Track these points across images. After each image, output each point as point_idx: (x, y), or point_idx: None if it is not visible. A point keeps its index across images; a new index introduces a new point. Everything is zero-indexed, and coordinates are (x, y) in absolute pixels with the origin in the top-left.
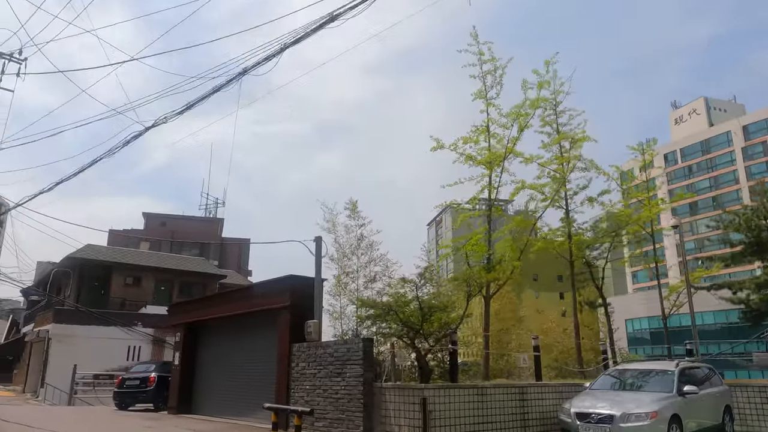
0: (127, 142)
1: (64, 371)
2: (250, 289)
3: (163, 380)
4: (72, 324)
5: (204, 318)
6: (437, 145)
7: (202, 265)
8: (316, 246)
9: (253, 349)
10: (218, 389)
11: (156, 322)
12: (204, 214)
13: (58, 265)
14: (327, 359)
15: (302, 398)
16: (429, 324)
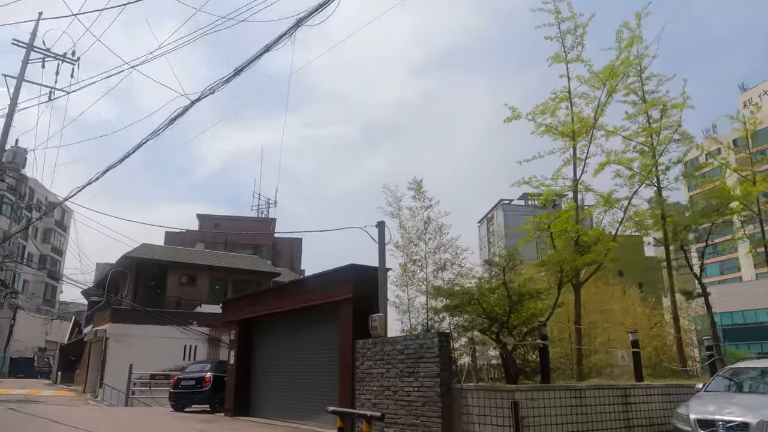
0: (172, 120)
1: (121, 371)
2: (308, 281)
3: (219, 380)
4: (129, 323)
5: (259, 314)
6: (513, 115)
7: (255, 263)
8: (379, 232)
9: (312, 347)
10: (276, 390)
11: (211, 321)
12: (256, 215)
13: (116, 265)
14: (396, 357)
15: (369, 401)
16: (517, 315)
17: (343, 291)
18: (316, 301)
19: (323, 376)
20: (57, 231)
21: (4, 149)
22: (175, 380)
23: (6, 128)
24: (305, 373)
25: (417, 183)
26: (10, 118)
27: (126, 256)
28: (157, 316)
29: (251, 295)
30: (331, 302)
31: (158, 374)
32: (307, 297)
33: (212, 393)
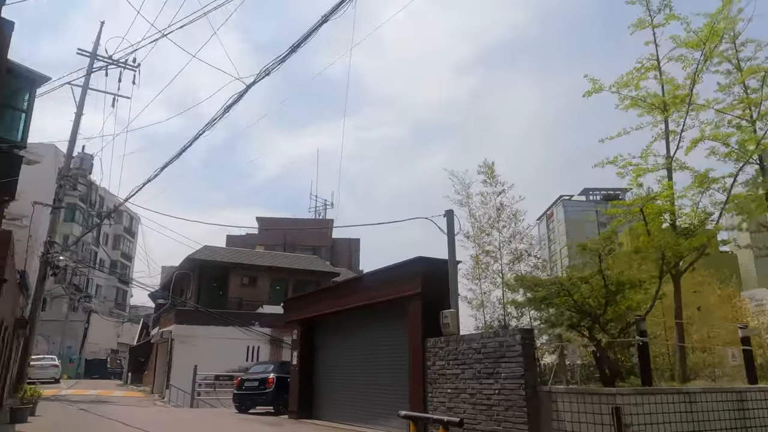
0: (228, 108)
1: (186, 372)
2: (373, 277)
3: (282, 381)
4: (193, 324)
5: (321, 313)
6: (595, 87)
7: (315, 263)
8: (448, 221)
9: (378, 346)
10: (341, 392)
11: (273, 322)
12: (314, 216)
13: (179, 267)
14: (472, 356)
15: (442, 404)
16: (614, 307)
17: (411, 286)
18: (382, 297)
19: (391, 377)
20: (126, 237)
21: (72, 155)
22: (239, 381)
23: (73, 135)
24: (371, 374)
25: (488, 166)
26: (76, 126)
27: (189, 258)
28: (219, 317)
29: (313, 293)
30: (398, 298)
31: (222, 375)
32: (373, 293)
33: (276, 394)
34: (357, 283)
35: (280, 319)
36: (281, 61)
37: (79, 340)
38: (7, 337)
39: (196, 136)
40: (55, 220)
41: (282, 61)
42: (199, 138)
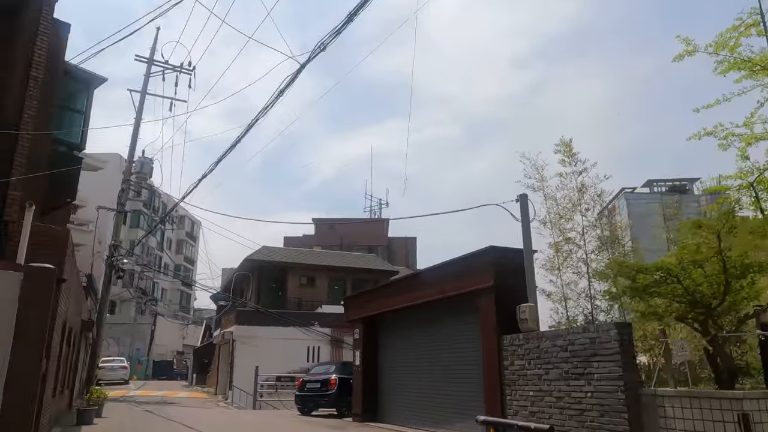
0: (281, 91)
1: (248, 373)
2: (440, 270)
3: (344, 382)
4: (253, 325)
5: (384, 310)
6: (688, 48)
7: (373, 261)
8: (521, 207)
9: (448, 345)
10: (408, 393)
11: (332, 322)
12: (369, 216)
13: (239, 268)
14: (558, 355)
15: (524, 408)
16: (733, 296)
17: (483, 278)
18: (451, 292)
19: (463, 378)
20: (188, 242)
21: (132, 160)
22: (301, 383)
23: (133, 140)
24: (441, 375)
25: (566, 144)
26: (136, 130)
27: (248, 259)
28: (279, 318)
29: (375, 289)
30: (469, 292)
31: (283, 376)
32: (440, 288)
33: (338, 396)
34: (423, 278)
35: (339, 318)
36: (336, 33)
37: (147, 342)
38: (74, 340)
39: (250, 124)
40: (119, 223)
41: (337, 34)
42: (252, 127)
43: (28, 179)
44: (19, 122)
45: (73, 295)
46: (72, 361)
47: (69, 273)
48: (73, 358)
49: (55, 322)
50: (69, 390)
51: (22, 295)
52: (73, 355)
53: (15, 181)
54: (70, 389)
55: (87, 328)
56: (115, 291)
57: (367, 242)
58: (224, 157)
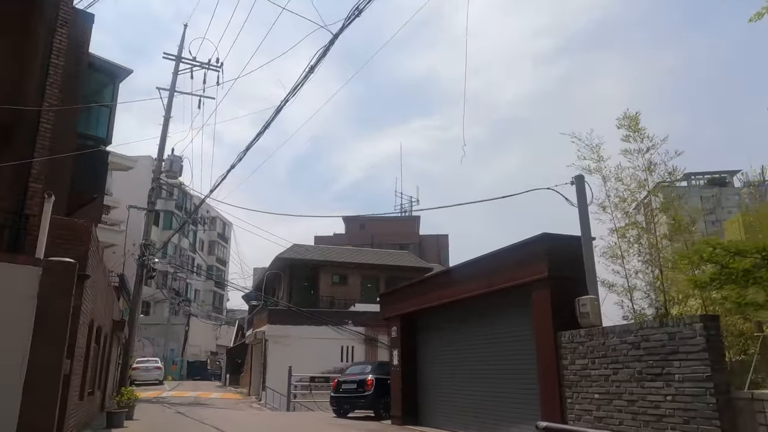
0: (312, 68)
1: (281, 373)
2: (486, 261)
3: (381, 383)
4: (286, 324)
5: (424, 306)
6: None
7: (406, 258)
8: (577, 189)
9: (495, 342)
10: (453, 395)
11: (366, 321)
12: (400, 214)
13: (270, 267)
14: (627, 352)
15: (588, 413)
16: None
17: (536, 269)
18: (499, 285)
19: (512, 378)
20: (220, 243)
21: (162, 158)
22: (336, 383)
23: (162, 138)
24: (487, 375)
25: (630, 117)
26: (165, 128)
27: (279, 258)
28: (312, 316)
29: (413, 285)
30: (520, 285)
31: (317, 376)
32: (486, 281)
33: (375, 397)
34: (467, 271)
35: (374, 317)
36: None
37: (181, 342)
38: (105, 341)
39: (279, 107)
40: (150, 222)
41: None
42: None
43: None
44: (40, 110)
45: (100, 294)
46: (103, 362)
47: (93, 269)
48: (104, 359)
49: (79, 320)
50: (101, 391)
51: (41, 291)
52: (105, 356)
53: (36, 172)
54: (102, 390)
55: (119, 328)
56: (149, 292)
57: (398, 240)
58: (253, 143)
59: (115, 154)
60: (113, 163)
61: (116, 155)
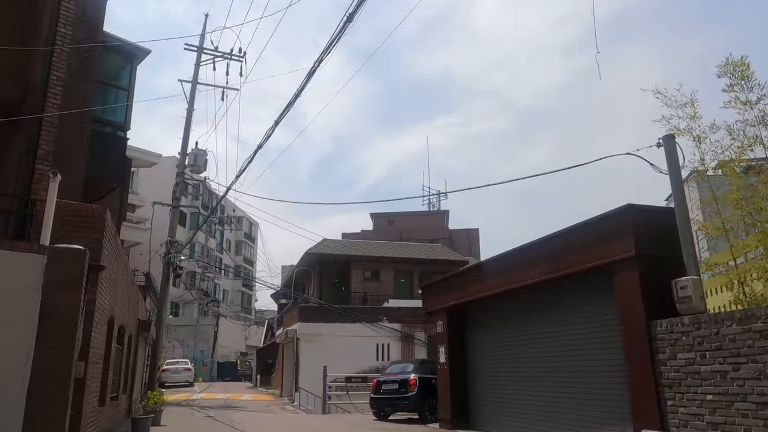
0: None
1: (314, 373)
2: (554, 242)
3: (426, 383)
4: (318, 322)
5: (474, 297)
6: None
7: (440, 251)
8: (667, 152)
9: (566, 334)
10: (509, 396)
11: (402, 317)
12: (428, 209)
13: (299, 264)
14: (754, 344)
15: (698, 417)
16: None
17: (619, 247)
18: (569, 268)
19: (592, 376)
20: (247, 243)
21: (186, 152)
22: (375, 384)
23: (186, 131)
24: (559, 373)
25: (735, 64)
26: (189, 121)
27: (308, 253)
28: (345, 313)
29: (461, 274)
30: (599, 266)
31: (354, 376)
32: (553, 265)
33: (420, 398)
34: (528, 254)
35: (409, 313)
36: None
37: (210, 343)
38: (129, 341)
39: (300, 89)
40: (175, 219)
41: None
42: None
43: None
44: (47, 83)
45: (120, 289)
46: (129, 364)
47: (109, 260)
48: (129, 361)
49: (94, 317)
50: (128, 395)
51: (46, 282)
52: (130, 358)
53: (44, 152)
54: (129, 394)
55: (145, 328)
56: (178, 293)
57: (427, 235)
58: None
59: (138, 149)
60: (137, 159)
61: (139, 150)
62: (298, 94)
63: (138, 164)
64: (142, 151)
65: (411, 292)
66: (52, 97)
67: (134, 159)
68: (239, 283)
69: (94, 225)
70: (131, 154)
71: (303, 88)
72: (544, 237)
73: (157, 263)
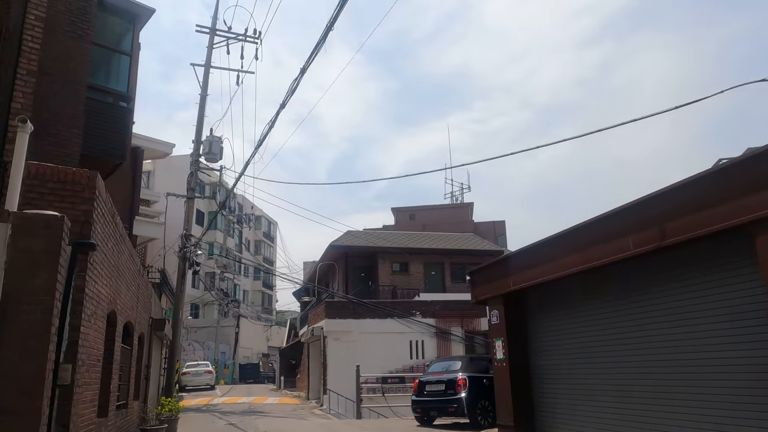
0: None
1: (344, 373)
2: (654, 203)
3: (476, 383)
4: (345, 318)
5: (539, 280)
6: None
7: (472, 241)
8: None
9: (679, 320)
10: (595, 396)
11: (436, 311)
12: (450, 202)
13: (322, 258)
14: None
15: None
16: None
17: (760, 200)
18: (680, 235)
19: (718, 372)
20: (266, 242)
21: (200, 140)
22: (417, 384)
23: (200, 117)
24: (655, 370)
25: None
26: (202, 107)
27: (333, 246)
28: (375, 307)
29: (523, 253)
30: (727, 229)
31: (391, 376)
32: (656, 232)
33: (471, 400)
34: (619, 221)
35: (444, 306)
36: None
37: (232, 345)
38: (141, 341)
39: (306, 65)
40: (190, 211)
41: None
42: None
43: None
44: (23, 23)
45: (124, 278)
46: (141, 367)
47: (106, 240)
48: (143, 364)
49: (84, 307)
50: (142, 402)
51: (11, 259)
52: (143, 360)
53: (20, 106)
54: (143, 400)
55: (159, 327)
56: (197, 294)
57: (451, 229)
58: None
59: (150, 138)
60: (149, 150)
61: (151, 139)
62: (304, 70)
63: (151, 155)
64: (155, 141)
65: (443, 285)
66: (30, 40)
67: (146, 149)
68: (259, 283)
69: (81, 194)
70: (142, 143)
71: (305, 69)
72: (643, 198)
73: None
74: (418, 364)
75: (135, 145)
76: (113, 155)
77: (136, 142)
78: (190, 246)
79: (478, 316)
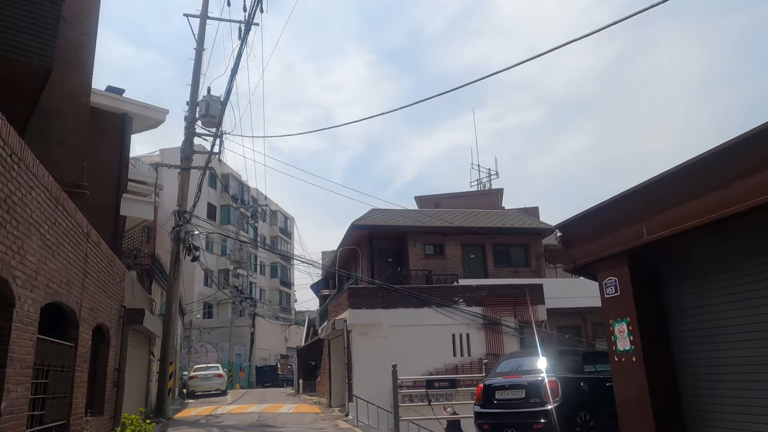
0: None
1: (373, 376)
2: None
3: (571, 387)
4: (373, 308)
5: (717, 214)
6: None
7: (518, 218)
8: None
9: None
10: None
11: (483, 298)
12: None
13: (343, 241)
14: None
15: None
16: None
17: None
18: None
19: None
20: (282, 238)
21: (196, 102)
22: (481, 390)
23: (195, 75)
24: None
25: None
26: (198, 64)
27: (355, 226)
28: (408, 294)
29: (654, 185)
30: None
31: (440, 379)
32: None
33: (566, 412)
34: None
35: (492, 292)
36: None
37: (248, 346)
38: (107, 338)
39: None
40: (185, 183)
41: None
42: None
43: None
44: None
45: (40, 235)
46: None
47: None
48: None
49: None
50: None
51: None
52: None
53: None
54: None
55: (133, 319)
56: (209, 292)
57: None
58: None
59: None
60: (138, 117)
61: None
62: None
63: (141, 125)
64: (145, 106)
65: (484, 270)
66: None
67: (136, 117)
68: (276, 281)
69: None
70: (130, 109)
71: None
72: None
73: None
74: (463, 363)
75: (123, 110)
76: (41, 59)
77: (124, 107)
78: (183, 224)
79: (535, 303)
